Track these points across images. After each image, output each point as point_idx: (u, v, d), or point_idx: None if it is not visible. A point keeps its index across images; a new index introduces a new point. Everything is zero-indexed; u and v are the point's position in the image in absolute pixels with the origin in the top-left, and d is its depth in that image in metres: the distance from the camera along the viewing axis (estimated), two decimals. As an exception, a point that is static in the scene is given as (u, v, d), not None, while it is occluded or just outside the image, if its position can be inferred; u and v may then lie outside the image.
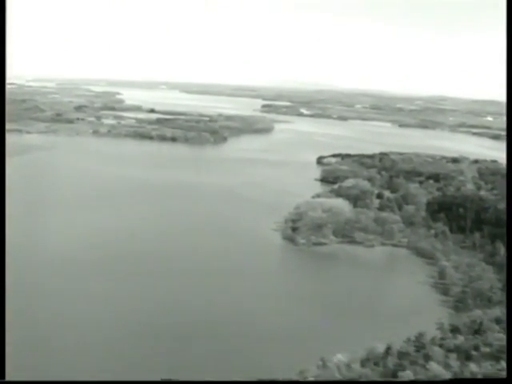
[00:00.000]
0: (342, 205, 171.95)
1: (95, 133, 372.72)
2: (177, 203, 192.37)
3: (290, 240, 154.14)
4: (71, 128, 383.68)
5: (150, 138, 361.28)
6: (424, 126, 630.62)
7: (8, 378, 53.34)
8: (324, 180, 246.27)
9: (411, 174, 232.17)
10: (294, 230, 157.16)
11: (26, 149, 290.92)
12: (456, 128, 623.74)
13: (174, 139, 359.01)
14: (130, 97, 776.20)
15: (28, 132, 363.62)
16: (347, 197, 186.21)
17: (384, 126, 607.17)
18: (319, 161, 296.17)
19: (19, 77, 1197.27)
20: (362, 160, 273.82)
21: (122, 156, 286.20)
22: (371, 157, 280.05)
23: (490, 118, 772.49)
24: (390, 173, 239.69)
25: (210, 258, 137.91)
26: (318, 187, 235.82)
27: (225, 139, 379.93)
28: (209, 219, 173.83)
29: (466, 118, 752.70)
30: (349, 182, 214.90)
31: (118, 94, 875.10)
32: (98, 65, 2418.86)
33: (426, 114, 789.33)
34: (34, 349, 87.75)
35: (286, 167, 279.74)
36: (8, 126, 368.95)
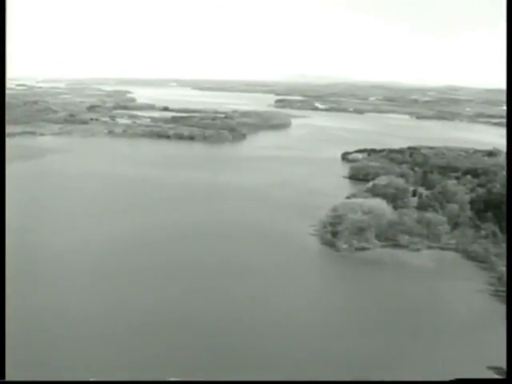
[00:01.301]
0: (381, 205, 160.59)
1: (110, 133, 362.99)
2: (202, 206, 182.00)
3: (331, 245, 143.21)
4: (85, 129, 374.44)
5: (167, 137, 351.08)
6: (442, 117, 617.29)
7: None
8: (353, 178, 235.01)
9: (446, 170, 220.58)
10: (334, 234, 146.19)
11: (41, 152, 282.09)
12: (475, 118, 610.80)
13: (191, 138, 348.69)
14: (141, 95, 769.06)
15: (42, 134, 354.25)
16: (384, 196, 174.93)
17: (402, 119, 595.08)
18: (344, 157, 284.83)
19: (29, 78, 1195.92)
20: (391, 155, 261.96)
21: (140, 157, 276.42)
22: (401, 152, 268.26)
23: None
24: (423, 168, 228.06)
25: (244, 268, 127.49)
26: (348, 185, 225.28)
27: (243, 136, 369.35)
28: (238, 223, 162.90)
29: (483, 108, 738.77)
30: (382, 180, 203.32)
31: (129, 92, 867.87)
32: (106, 64, 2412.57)
33: (442, 105, 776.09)
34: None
35: (311, 164, 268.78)
36: (21, 128, 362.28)
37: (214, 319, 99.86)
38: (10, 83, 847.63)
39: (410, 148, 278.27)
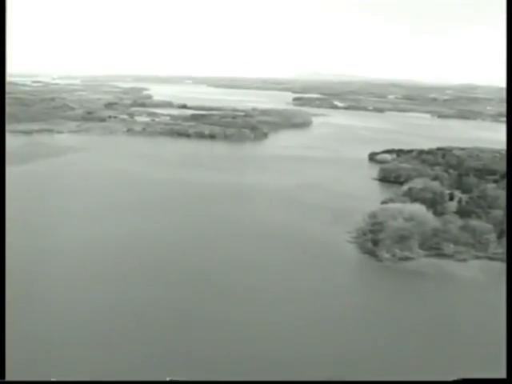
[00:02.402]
0: (422, 211, 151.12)
1: (129, 131, 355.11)
2: (228, 209, 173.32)
3: (372, 254, 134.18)
4: (103, 127, 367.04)
5: (187, 135, 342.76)
6: (463, 116, 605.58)
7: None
8: (384, 180, 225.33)
9: (483, 173, 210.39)
10: (375, 242, 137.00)
11: (59, 150, 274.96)
12: (497, 118, 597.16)
13: (212, 136, 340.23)
14: (158, 92, 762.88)
15: (59, 132, 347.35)
16: (422, 201, 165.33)
17: (423, 118, 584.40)
18: (372, 157, 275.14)
19: (45, 75, 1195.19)
20: (422, 156, 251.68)
21: (160, 156, 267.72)
22: (432, 153, 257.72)
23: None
24: (458, 171, 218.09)
25: (278, 278, 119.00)
26: (380, 188, 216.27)
27: (265, 135, 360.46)
28: (269, 229, 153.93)
29: (503, 107, 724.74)
30: (418, 183, 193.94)
31: (145, 89, 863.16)
32: (121, 61, 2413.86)
33: (462, 104, 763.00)
34: None
35: (338, 165, 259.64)
36: (38, 125, 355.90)
37: (257, 338, 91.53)
38: (25, 80, 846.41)
39: (439, 149, 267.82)
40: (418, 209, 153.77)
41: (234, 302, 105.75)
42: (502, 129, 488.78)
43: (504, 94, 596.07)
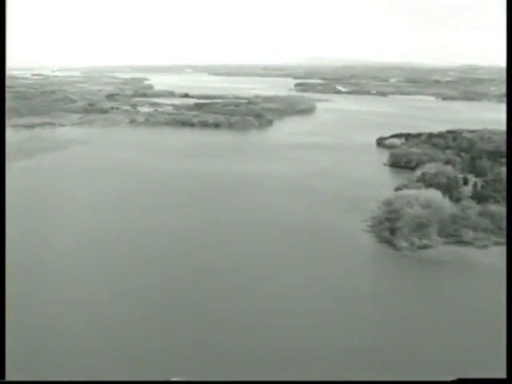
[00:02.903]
0: (438, 197, 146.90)
1: (132, 122, 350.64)
2: (240, 199, 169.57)
3: (390, 244, 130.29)
4: (106, 118, 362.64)
5: (191, 124, 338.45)
6: (468, 97, 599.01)
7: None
8: (395, 165, 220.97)
9: (495, 155, 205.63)
10: (392, 231, 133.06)
11: (62, 143, 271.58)
12: (502, 98, 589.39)
13: (216, 125, 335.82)
14: (158, 82, 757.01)
15: (61, 125, 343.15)
16: (437, 186, 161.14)
17: (428, 100, 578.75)
18: (380, 142, 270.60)
19: (45, 67, 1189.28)
20: (432, 140, 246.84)
21: (166, 147, 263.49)
22: (442, 136, 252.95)
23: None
24: (470, 154, 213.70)
25: (296, 269, 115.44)
26: (391, 174, 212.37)
27: (270, 122, 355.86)
28: (282, 219, 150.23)
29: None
30: (431, 168, 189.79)
31: (146, 79, 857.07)
32: (119, 51, 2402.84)
33: (465, 85, 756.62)
34: None
35: (345, 151, 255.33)
36: (40, 119, 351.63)
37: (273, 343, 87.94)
38: (25, 73, 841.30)
39: (449, 132, 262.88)
40: (434, 195, 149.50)
41: (253, 294, 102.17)
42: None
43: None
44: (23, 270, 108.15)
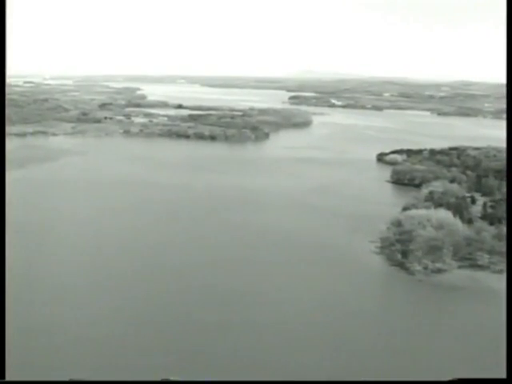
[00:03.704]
0: (450, 218, 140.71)
1: (126, 133, 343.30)
2: (241, 216, 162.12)
3: (402, 267, 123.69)
4: (99, 128, 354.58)
5: (187, 136, 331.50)
6: (463, 113, 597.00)
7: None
8: (398, 182, 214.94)
9: (502, 174, 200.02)
10: (404, 253, 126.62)
11: (55, 154, 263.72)
12: (499, 115, 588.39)
13: (212, 138, 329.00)
14: (151, 92, 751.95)
15: (54, 134, 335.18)
16: (447, 206, 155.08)
17: (423, 115, 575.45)
18: (380, 158, 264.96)
19: (36, 75, 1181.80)
20: (436, 157, 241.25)
21: (161, 160, 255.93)
22: (445, 153, 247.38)
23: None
24: (476, 172, 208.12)
25: (303, 294, 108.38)
26: (395, 191, 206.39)
27: (266, 136, 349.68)
28: (285, 237, 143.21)
29: (502, 103, 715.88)
30: (437, 186, 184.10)
31: (138, 89, 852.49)
32: (112, 61, 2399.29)
33: (460, 101, 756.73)
34: None
35: (346, 167, 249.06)
36: (32, 127, 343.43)
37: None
38: (17, 80, 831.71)
39: (452, 149, 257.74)
40: (445, 215, 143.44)
41: (263, 310, 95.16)
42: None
43: (501, 91, 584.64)
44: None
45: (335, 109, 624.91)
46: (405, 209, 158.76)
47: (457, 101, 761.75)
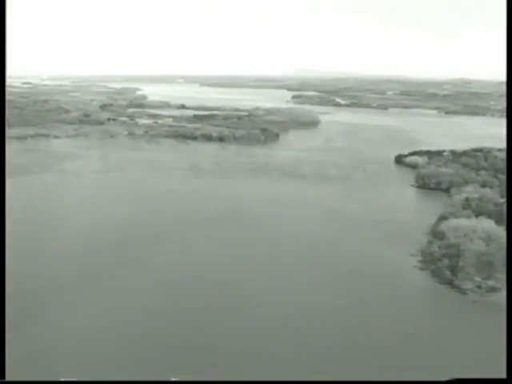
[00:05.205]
0: (495, 229, 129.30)
1: (131, 135, 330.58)
2: (271, 226, 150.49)
3: (452, 285, 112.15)
4: (102, 130, 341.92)
5: (194, 138, 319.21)
6: (471, 112, 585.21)
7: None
8: (424, 187, 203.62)
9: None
10: (453, 270, 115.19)
11: (58, 158, 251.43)
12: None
13: (221, 139, 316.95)
14: (151, 92, 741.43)
15: (56, 136, 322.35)
16: (488, 214, 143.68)
17: (431, 114, 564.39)
18: (399, 160, 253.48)
19: (34, 76, 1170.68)
20: (461, 159, 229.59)
21: (170, 163, 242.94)
22: (470, 155, 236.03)
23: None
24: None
25: (345, 320, 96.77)
26: (423, 196, 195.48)
27: (276, 136, 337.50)
28: (320, 250, 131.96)
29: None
30: (469, 192, 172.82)
31: (138, 89, 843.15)
32: (109, 61, 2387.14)
33: (464, 99, 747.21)
34: None
35: (366, 170, 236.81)
36: (33, 130, 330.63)
37: None
38: (15, 81, 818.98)
39: (476, 150, 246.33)
40: (489, 225, 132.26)
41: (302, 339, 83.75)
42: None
43: (501, 89, 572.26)
44: None
45: (340, 108, 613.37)
46: (443, 218, 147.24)
47: (461, 99, 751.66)
